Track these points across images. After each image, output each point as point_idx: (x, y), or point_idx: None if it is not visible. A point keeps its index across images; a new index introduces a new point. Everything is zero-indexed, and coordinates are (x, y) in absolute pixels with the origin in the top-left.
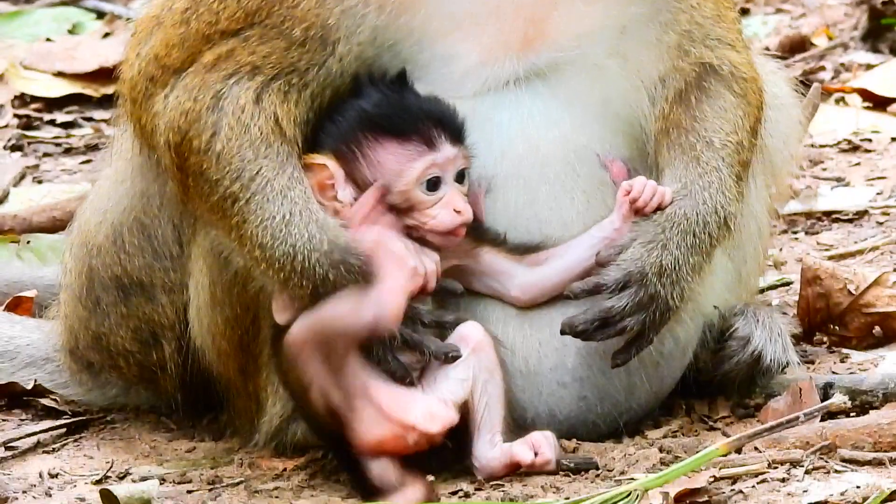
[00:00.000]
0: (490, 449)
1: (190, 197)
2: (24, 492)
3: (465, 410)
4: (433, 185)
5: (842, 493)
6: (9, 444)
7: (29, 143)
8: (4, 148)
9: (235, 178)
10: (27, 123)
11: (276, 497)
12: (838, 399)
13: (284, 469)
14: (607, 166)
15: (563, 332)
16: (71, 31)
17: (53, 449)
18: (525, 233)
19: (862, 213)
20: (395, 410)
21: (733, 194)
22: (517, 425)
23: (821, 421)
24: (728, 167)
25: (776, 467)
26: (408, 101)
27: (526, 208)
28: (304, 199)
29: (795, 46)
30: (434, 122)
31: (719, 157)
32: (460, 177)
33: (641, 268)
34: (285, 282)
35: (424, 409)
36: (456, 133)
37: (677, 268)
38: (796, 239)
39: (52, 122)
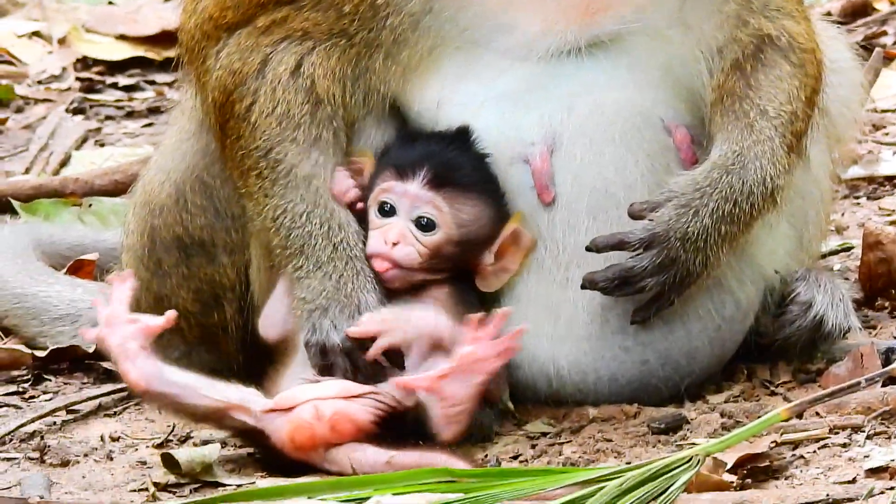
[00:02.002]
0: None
1: (225, 158)
2: (86, 455)
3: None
4: (386, 211)
5: None
6: (70, 408)
7: (91, 107)
8: (67, 111)
9: (263, 154)
10: (89, 87)
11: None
12: None
13: None
14: (671, 131)
15: (583, 287)
16: None
17: (115, 412)
18: (590, 192)
19: None
20: (287, 399)
21: (784, 165)
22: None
23: (882, 386)
24: (781, 137)
25: (837, 433)
26: (425, 140)
27: (591, 167)
28: (326, 191)
29: (857, 11)
30: (419, 161)
31: (773, 127)
32: (425, 225)
33: (666, 231)
34: (289, 258)
35: (316, 387)
36: (437, 180)
37: (705, 236)
38: (858, 204)
39: (114, 86)
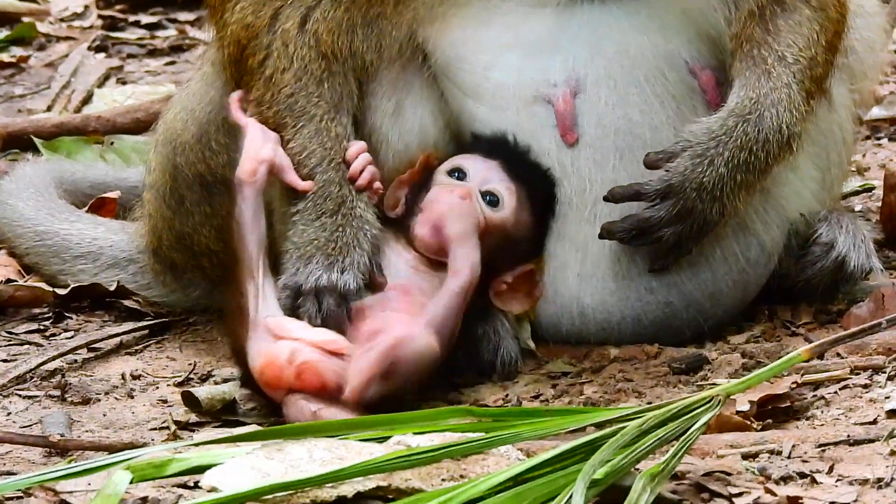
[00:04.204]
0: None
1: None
2: (107, 393)
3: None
4: (457, 176)
5: None
6: (91, 346)
7: (113, 45)
8: (89, 49)
9: (284, 108)
10: (112, 24)
11: None
12: None
13: None
14: (696, 73)
15: (600, 237)
16: None
17: (136, 350)
18: (615, 133)
19: None
20: (281, 328)
21: (801, 112)
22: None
23: None
24: (798, 84)
25: (858, 373)
26: (517, 146)
27: (616, 109)
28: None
29: None
30: (508, 152)
31: (791, 73)
32: (491, 201)
33: (682, 181)
34: (294, 202)
35: (307, 331)
36: (516, 173)
37: (720, 185)
38: (879, 145)
39: (136, 24)
